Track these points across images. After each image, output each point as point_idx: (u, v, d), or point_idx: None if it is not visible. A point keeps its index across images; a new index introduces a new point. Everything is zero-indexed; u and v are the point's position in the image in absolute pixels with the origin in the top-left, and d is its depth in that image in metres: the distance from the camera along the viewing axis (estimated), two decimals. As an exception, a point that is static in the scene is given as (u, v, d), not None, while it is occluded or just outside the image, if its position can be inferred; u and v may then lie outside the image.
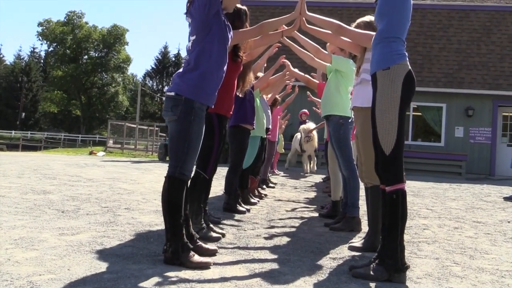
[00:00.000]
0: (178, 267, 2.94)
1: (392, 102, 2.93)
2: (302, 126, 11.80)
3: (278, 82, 6.61)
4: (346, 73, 4.73)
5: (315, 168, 12.62)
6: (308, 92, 8.80)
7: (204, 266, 2.97)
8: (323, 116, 4.91)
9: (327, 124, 4.96)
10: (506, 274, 3.22)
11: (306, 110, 12.65)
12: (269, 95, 7.20)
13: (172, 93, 3.07)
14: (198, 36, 3.15)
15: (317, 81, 5.94)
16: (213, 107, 3.34)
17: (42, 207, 4.72)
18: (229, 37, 3.30)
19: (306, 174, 11.90)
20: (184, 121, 3.03)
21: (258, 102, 6.14)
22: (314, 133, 11.59)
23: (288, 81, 6.59)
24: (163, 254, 3.04)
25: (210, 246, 3.37)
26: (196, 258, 3.01)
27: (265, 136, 6.70)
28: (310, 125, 11.66)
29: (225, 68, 3.28)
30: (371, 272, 2.90)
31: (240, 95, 4.70)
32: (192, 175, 3.91)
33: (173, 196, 3.02)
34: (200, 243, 3.27)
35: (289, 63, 5.93)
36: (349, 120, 4.69)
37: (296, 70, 6.02)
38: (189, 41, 3.22)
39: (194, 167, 3.91)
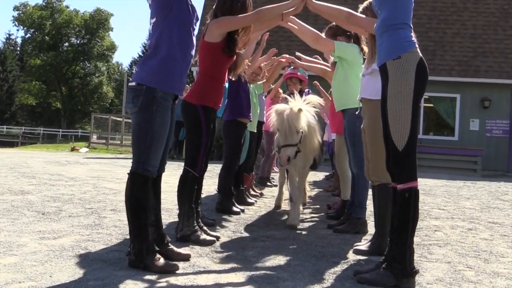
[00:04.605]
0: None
1: (405, 93, 2.96)
2: (278, 107, 4.77)
3: (274, 73, 6.66)
4: (352, 61, 4.71)
5: (304, 202, 6.07)
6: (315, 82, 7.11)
7: (169, 271, 3.00)
8: (338, 111, 4.87)
9: (342, 117, 4.91)
10: (523, 278, 3.26)
11: (299, 72, 6.80)
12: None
13: (133, 83, 3.11)
14: (158, 18, 3.19)
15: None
16: (182, 96, 3.36)
17: (20, 209, 4.74)
18: (193, 19, 3.31)
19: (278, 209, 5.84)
20: (145, 113, 3.05)
21: (253, 93, 6.16)
22: (309, 121, 4.81)
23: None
24: (127, 256, 3.08)
25: (183, 250, 3.39)
26: (162, 261, 3.04)
27: (254, 130, 6.60)
28: (295, 104, 4.69)
29: (192, 52, 3.30)
30: (378, 277, 2.93)
31: (233, 79, 4.70)
32: (181, 173, 3.95)
33: (136, 195, 3.07)
34: (171, 246, 3.31)
35: (301, 55, 5.56)
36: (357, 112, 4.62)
37: (307, 60, 5.68)
38: (150, 24, 3.26)
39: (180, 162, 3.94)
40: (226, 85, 4.88)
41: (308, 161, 5.00)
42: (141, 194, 3.07)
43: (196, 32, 3.41)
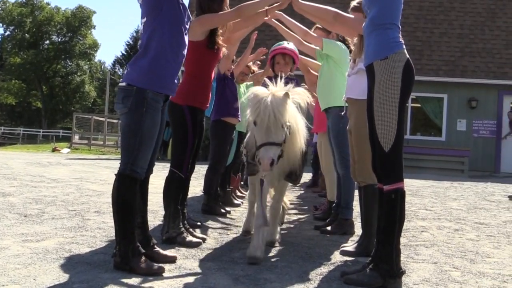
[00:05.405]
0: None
1: (392, 94, 3.01)
2: (257, 92, 3.54)
3: (264, 73, 6.68)
4: (339, 59, 4.75)
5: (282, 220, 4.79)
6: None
7: (155, 273, 3.01)
8: (323, 110, 4.92)
9: (326, 116, 4.95)
10: (508, 278, 3.33)
11: (287, 45, 5.16)
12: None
13: (124, 84, 3.12)
14: (149, 17, 3.20)
15: (317, 74, 5.54)
16: (173, 95, 3.38)
17: (2, 211, 4.72)
18: (184, 17, 3.33)
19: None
20: (135, 114, 3.06)
21: (242, 93, 6.18)
22: (295, 114, 3.66)
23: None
24: (113, 258, 3.09)
25: (169, 252, 3.42)
26: (148, 264, 3.06)
27: (244, 130, 6.62)
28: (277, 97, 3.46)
29: (184, 52, 3.31)
30: (365, 278, 2.98)
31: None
32: (167, 175, 3.97)
33: (123, 196, 3.08)
34: (157, 249, 3.33)
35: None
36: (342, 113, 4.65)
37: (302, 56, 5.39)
38: (140, 24, 3.28)
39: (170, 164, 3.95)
40: (214, 84, 4.90)
41: (287, 168, 3.82)
42: (128, 195, 3.08)
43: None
